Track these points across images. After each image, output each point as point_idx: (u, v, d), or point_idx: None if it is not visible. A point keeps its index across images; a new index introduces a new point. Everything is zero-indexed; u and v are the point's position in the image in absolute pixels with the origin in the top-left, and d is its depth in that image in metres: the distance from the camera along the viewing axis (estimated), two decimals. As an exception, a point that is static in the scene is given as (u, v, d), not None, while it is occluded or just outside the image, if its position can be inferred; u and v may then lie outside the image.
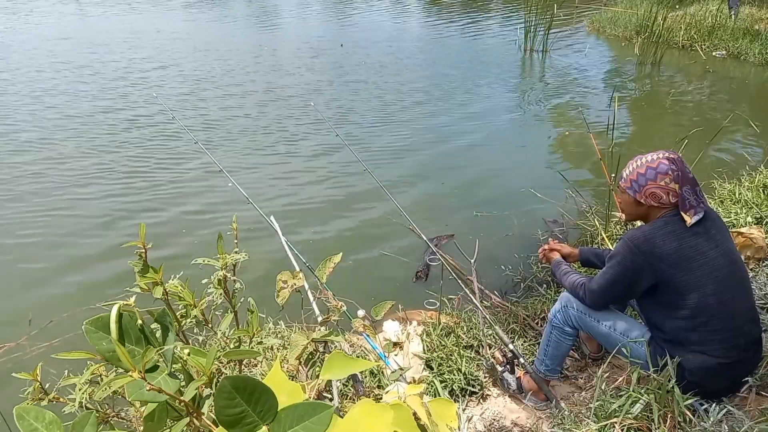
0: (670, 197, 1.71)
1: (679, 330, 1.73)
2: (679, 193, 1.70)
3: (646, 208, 1.79)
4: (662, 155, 1.74)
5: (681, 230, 1.70)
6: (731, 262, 1.73)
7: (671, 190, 1.70)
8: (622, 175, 1.84)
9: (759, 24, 9.51)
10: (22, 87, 7.20)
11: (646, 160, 1.76)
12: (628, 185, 1.80)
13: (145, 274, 1.12)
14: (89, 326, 0.84)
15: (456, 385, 2.25)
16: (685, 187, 1.69)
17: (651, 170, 1.72)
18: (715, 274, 1.68)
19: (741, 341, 1.71)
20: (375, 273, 3.51)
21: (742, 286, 1.76)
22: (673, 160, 1.72)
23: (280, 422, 0.67)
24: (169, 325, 0.91)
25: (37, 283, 3.41)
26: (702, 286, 1.67)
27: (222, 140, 5.59)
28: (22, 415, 0.77)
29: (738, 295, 1.73)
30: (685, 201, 1.69)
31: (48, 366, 1.38)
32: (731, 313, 1.70)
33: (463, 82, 7.70)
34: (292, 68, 8.38)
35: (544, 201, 4.11)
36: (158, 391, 0.79)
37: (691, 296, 1.68)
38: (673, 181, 1.70)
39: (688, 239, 1.69)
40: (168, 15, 12.78)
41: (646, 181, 1.73)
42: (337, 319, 1.66)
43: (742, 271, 1.78)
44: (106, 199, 4.40)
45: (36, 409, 0.78)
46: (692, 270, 1.68)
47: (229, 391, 0.66)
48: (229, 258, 1.29)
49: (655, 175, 1.71)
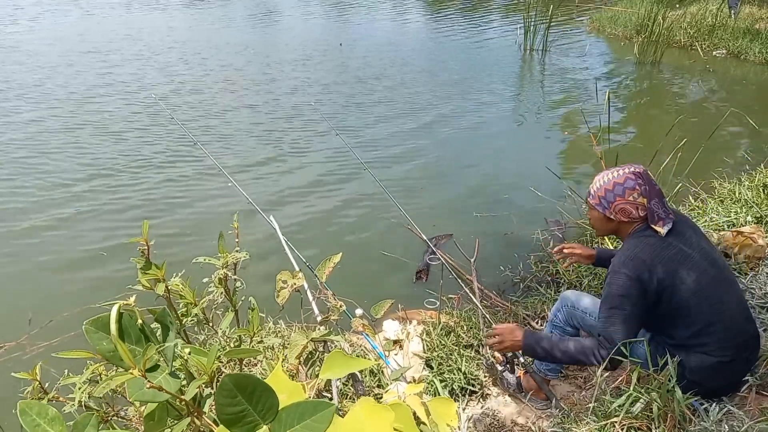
0: (639, 211, 1.72)
1: (683, 337, 1.74)
2: (647, 207, 1.71)
3: (617, 224, 1.79)
4: (628, 170, 1.74)
5: (658, 242, 1.70)
6: (712, 262, 1.73)
7: (639, 205, 1.72)
8: (590, 191, 1.83)
9: (759, 23, 9.51)
10: (20, 87, 7.20)
11: (612, 176, 1.76)
12: (596, 202, 1.80)
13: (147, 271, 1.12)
14: (89, 326, 0.83)
15: (456, 384, 2.25)
16: (653, 200, 1.71)
17: (618, 186, 1.73)
18: (702, 277, 1.68)
19: (739, 339, 1.72)
20: (375, 273, 3.51)
21: (729, 284, 1.76)
22: (639, 174, 1.73)
23: (280, 421, 0.67)
24: (170, 324, 0.91)
25: (37, 282, 3.41)
26: (692, 291, 1.67)
27: (222, 140, 5.58)
28: (25, 410, 0.77)
29: (726, 294, 1.73)
30: (654, 214, 1.71)
31: (48, 366, 1.39)
32: (725, 313, 1.70)
33: (462, 82, 7.69)
34: (292, 68, 8.37)
35: (544, 200, 4.10)
36: (159, 390, 0.79)
37: (685, 304, 1.69)
38: (640, 195, 1.71)
39: (666, 249, 1.69)
40: (167, 15, 12.77)
41: (614, 197, 1.74)
42: (337, 319, 1.67)
43: (724, 269, 1.78)
44: (106, 199, 4.39)
45: (39, 404, 0.78)
46: (681, 279, 1.67)
47: (230, 390, 0.66)
48: (230, 257, 1.29)
49: (622, 190, 1.72)
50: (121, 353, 0.74)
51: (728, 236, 2.81)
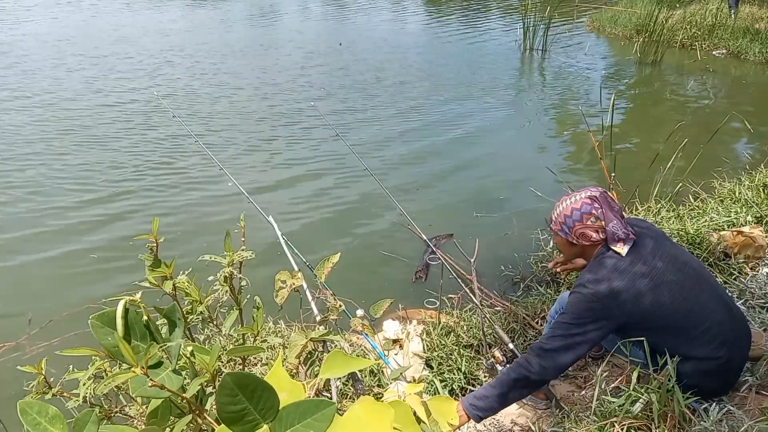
0: (600, 234, 1.73)
1: (668, 347, 1.72)
2: (606, 230, 1.71)
3: (580, 248, 1.81)
4: (585, 195, 1.75)
5: (619, 263, 1.69)
6: (680, 267, 1.71)
7: (599, 228, 1.72)
8: (552, 217, 1.84)
9: (759, 23, 9.51)
10: (19, 85, 7.20)
11: (570, 201, 1.77)
12: (558, 228, 1.81)
13: (156, 269, 1.12)
14: (95, 321, 0.84)
15: (456, 384, 2.25)
16: (610, 223, 1.70)
17: (576, 212, 1.74)
18: (670, 286, 1.67)
19: (728, 336, 1.70)
20: (374, 272, 3.51)
21: (704, 283, 1.74)
22: (595, 198, 1.73)
23: (281, 420, 0.67)
24: (177, 321, 0.91)
25: (37, 282, 3.41)
26: (662, 303, 1.66)
27: (221, 140, 5.58)
28: (25, 410, 0.77)
29: (702, 294, 1.71)
30: (614, 235, 1.71)
31: (49, 366, 1.39)
32: (705, 313, 1.68)
33: (461, 82, 7.69)
34: (291, 67, 8.37)
35: (544, 200, 4.10)
36: (161, 388, 0.79)
37: (660, 317, 1.67)
38: (597, 219, 1.72)
39: (633, 266, 1.68)
40: (165, 14, 12.77)
41: (573, 222, 1.75)
42: (336, 319, 1.67)
43: (695, 269, 1.75)
44: (106, 199, 4.39)
45: (39, 403, 0.79)
46: (647, 295, 1.66)
47: (231, 388, 0.66)
48: (236, 255, 1.30)
49: (580, 216, 1.73)
50: (124, 352, 0.75)
51: (728, 236, 2.81)
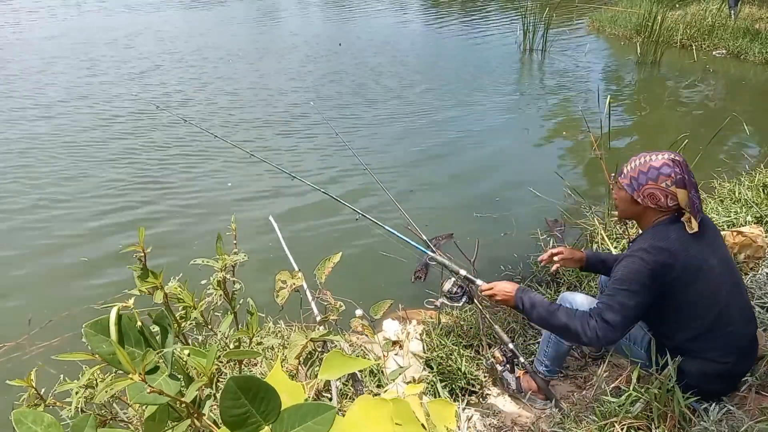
0: (668, 201, 1.65)
1: (681, 340, 1.72)
2: (687, 198, 1.62)
3: (642, 209, 1.72)
4: (667, 156, 1.66)
5: (685, 239, 1.63)
6: (729, 270, 1.71)
7: (670, 194, 1.63)
8: (622, 170, 1.76)
9: (759, 23, 9.51)
10: (18, 86, 7.19)
11: (649, 158, 1.68)
12: (627, 182, 1.72)
13: (145, 279, 1.11)
14: (89, 329, 0.83)
15: (456, 384, 2.25)
16: (692, 191, 1.63)
17: (653, 170, 1.65)
18: (717, 285, 1.66)
19: (742, 343, 1.71)
20: (374, 273, 3.50)
21: (739, 291, 1.74)
22: (678, 162, 1.64)
23: (282, 422, 0.67)
24: (168, 327, 0.91)
25: (37, 282, 3.41)
26: (703, 295, 1.65)
27: (221, 138, 5.56)
28: (20, 420, 0.76)
29: (735, 300, 1.70)
30: (694, 205, 1.62)
31: (48, 366, 1.38)
32: (731, 321, 1.68)
33: (461, 82, 7.68)
34: (290, 67, 8.37)
35: (544, 200, 4.11)
36: (159, 393, 0.79)
37: (692, 305, 1.66)
38: (674, 184, 1.63)
39: (692, 248, 1.63)
40: (166, 15, 12.75)
41: (646, 180, 1.66)
42: (336, 319, 1.66)
43: (736, 275, 1.76)
44: (106, 200, 4.39)
45: (34, 412, 0.77)
46: (696, 282, 1.63)
47: (234, 392, 0.66)
48: (228, 259, 1.29)
49: (656, 175, 1.64)
50: (121, 359, 0.74)
51: (728, 236, 2.81)
